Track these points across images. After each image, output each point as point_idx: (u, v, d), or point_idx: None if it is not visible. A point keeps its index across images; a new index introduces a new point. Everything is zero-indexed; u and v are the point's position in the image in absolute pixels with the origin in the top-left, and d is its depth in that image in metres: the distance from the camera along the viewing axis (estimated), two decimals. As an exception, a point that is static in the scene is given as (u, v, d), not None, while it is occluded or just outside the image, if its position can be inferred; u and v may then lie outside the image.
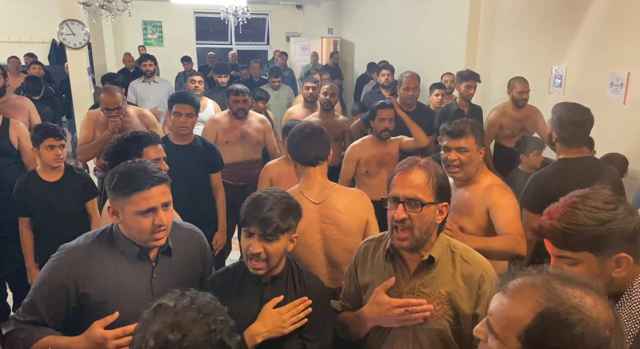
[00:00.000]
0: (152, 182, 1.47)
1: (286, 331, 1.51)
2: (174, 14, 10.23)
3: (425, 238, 1.46)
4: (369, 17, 8.39)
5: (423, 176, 1.44)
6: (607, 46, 4.10)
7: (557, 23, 4.63)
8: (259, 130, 3.72)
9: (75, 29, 4.86)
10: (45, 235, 2.73)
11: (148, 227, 1.48)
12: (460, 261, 1.49)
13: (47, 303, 1.49)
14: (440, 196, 1.45)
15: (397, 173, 1.49)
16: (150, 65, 5.64)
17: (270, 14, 11.23)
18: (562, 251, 1.20)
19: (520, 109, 4.06)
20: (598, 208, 1.16)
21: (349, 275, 1.71)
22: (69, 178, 2.77)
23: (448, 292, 1.45)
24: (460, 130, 2.15)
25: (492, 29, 5.59)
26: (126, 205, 1.47)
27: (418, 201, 1.42)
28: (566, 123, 2.39)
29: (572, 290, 0.86)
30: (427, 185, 1.43)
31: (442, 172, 1.49)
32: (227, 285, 1.59)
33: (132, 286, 1.53)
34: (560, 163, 2.46)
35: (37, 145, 2.68)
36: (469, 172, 2.16)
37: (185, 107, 2.92)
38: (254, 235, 1.49)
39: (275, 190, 1.59)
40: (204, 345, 0.96)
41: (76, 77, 5.00)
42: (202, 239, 1.78)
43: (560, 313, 0.84)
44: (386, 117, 3.29)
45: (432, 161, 1.52)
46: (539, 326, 0.85)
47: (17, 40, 8.77)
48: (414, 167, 1.46)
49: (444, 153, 2.21)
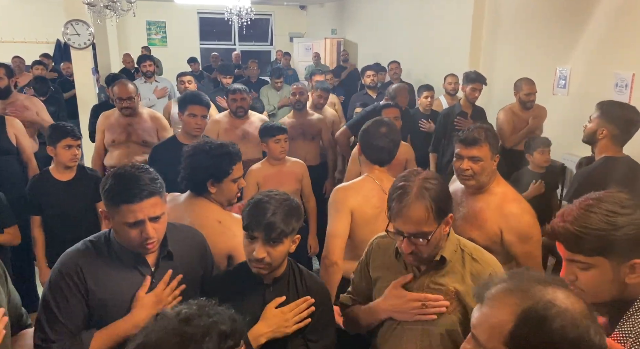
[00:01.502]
0: (141, 196, 1.44)
1: (289, 331, 1.51)
2: (178, 15, 10.25)
3: (436, 251, 1.46)
4: (373, 18, 8.39)
5: (422, 209, 1.38)
6: (612, 47, 4.08)
7: (561, 23, 4.62)
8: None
9: (79, 29, 4.88)
10: (56, 234, 2.74)
11: (136, 238, 1.47)
12: (470, 260, 1.49)
13: (63, 304, 1.47)
14: (442, 215, 1.42)
15: (395, 204, 1.41)
16: (149, 66, 5.63)
17: (274, 15, 11.23)
18: (574, 255, 1.16)
19: (527, 110, 4.06)
20: (614, 212, 1.12)
21: (360, 269, 1.72)
22: (81, 178, 2.80)
23: (457, 289, 1.46)
24: (474, 138, 2.03)
25: (495, 29, 5.58)
26: (115, 214, 1.47)
27: (423, 235, 1.39)
28: (623, 122, 2.37)
29: (543, 287, 0.90)
30: (428, 217, 1.38)
31: (437, 188, 1.42)
32: (230, 286, 1.59)
33: (131, 289, 1.53)
34: (607, 161, 2.43)
35: (53, 145, 2.70)
36: (482, 181, 2.07)
37: (200, 108, 2.94)
38: (257, 239, 1.49)
39: (275, 192, 1.57)
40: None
41: (81, 77, 5.02)
42: (202, 240, 1.76)
43: (538, 310, 0.87)
44: (390, 117, 3.29)
45: (424, 178, 1.43)
46: (522, 327, 0.87)
47: (21, 40, 8.80)
48: (410, 198, 1.39)
49: (456, 160, 2.11)
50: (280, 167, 3.12)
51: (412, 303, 1.46)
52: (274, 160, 3.10)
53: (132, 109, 3.47)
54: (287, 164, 3.15)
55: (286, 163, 3.15)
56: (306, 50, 9.84)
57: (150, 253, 1.55)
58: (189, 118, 2.94)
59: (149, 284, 1.54)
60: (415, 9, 7.07)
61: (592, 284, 1.15)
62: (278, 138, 3.05)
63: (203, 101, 2.98)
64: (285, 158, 3.15)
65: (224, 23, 8.75)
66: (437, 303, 1.44)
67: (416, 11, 7.05)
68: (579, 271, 1.16)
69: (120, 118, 3.52)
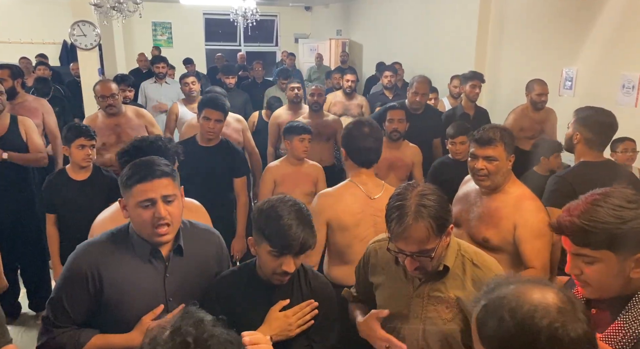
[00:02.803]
0: (153, 175, 1.48)
1: (293, 334, 1.52)
2: (184, 15, 10.28)
3: (439, 263, 1.47)
4: (378, 19, 8.39)
5: (423, 229, 1.35)
6: (619, 48, 4.06)
7: (568, 24, 4.60)
8: (237, 130, 3.72)
9: (86, 30, 4.91)
10: (70, 232, 2.77)
11: (148, 219, 1.49)
12: (471, 266, 1.48)
13: (70, 297, 1.51)
14: (443, 230, 1.40)
15: (396, 225, 1.37)
16: (162, 67, 5.72)
17: (279, 16, 11.25)
18: (580, 249, 1.17)
19: (538, 111, 4.05)
20: (620, 206, 1.14)
21: (358, 273, 1.73)
22: (96, 178, 2.84)
23: (457, 296, 1.45)
24: (488, 138, 2.01)
25: (501, 30, 5.56)
26: (129, 197, 1.50)
27: (426, 252, 1.39)
28: (595, 125, 2.35)
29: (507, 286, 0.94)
30: (429, 235, 1.36)
31: (435, 203, 1.38)
32: (235, 287, 1.59)
33: (146, 285, 1.55)
34: (582, 167, 2.40)
35: (68, 144, 2.75)
36: (497, 181, 2.05)
37: (215, 113, 2.94)
38: (286, 254, 1.47)
39: (288, 198, 1.54)
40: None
41: (87, 77, 5.04)
42: (219, 240, 1.77)
43: (494, 307, 0.91)
44: (395, 118, 3.29)
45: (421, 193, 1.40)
46: (481, 324, 0.93)
47: (28, 41, 8.85)
48: (409, 222, 1.35)
49: (470, 160, 2.10)
50: (298, 168, 3.13)
51: (378, 342, 1.49)
52: (294, 159, 3.11)
53: (116, 107, 3.46)
54: (304, 165, 3.16)
55: (304, 164, 3.16)
56: (311, 51, 9.84)
57: (164, 242, 1.55)
58: (203, 121, 2.96)
59: (158, 312, 1.52)
60: (420, 9, 7.06)
61: (597, 278, 1.16)
62: (303, 138, 3.07)
63: (219, 106, 2.97)
64: (304, 160, 3.17)
65: (229, 24, 8.75)
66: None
67: (422, 12, 7.04)
68: (584, 266, 1.17)
69: (106, 120, 3.47)
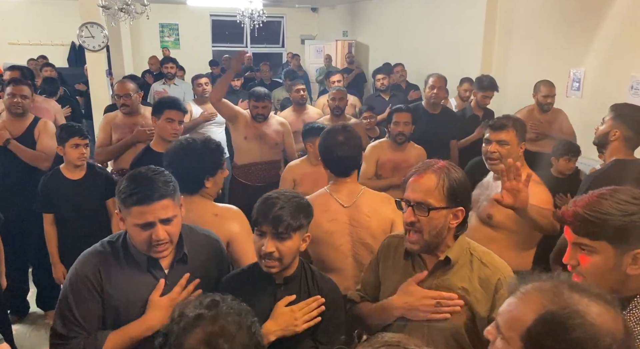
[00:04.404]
0: (152, 198, 1.45)
1: (299, 329, 1.51)
2: (191, 17, 10.33)
3: (438, 241, 1.47)
4: (384, 20, 8.38)
5: (433, 180, 1.43)
6: (627, 49, 4.04)
7: (575, 25, 4.58)
8: (278, 132, 3.73)
9: (94, 32, 4.95)
10: (68, 231, 2.83)
11: (145, 240, 1.48)
12: (479, 264, 1.48)
13: (81, 304, 1.49)
14: (453, 200, 1.43)
15: (412, 175, 1.48)
16: (171, 68, 5.78)
17: (286, 17, 11.27)
18: (580, 238, 1.19)
19: (545, 113, 4.03)
20: (625, 201, 1.16)
21: (372, 266, 1.73)
22: (91, 176, 2.88)
23: (465, 288, 1.46)
24: (501, 124, 2.24)
25: (508, 31, 5.54)
26: (127, 215, 1.48)
27: (425, 206, 1.42)
28: (636, 123, 2.37)
29: (579, 296, 0.87)
30: (436, 190, 1.42)
31: (458, 176, 1.45)
32: (241, 286, 1.59)
33: (146, 293, 1.54)
34: (616, 166, 2.41)
35: (62, 144, 2.78)
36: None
37: (177, 113, 2.90)
38: (266, 234, 1.50)
39: (285, 190, 1.60)
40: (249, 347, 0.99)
41: (95, 79, 5.10)
42: (218, 245, 1.78)
43: (560, 316, 0.85)
44: (401, 121, 3.25)
45: (451, 165, 1.49)
46: (539, 328, 0.87)
47: (37, 42, 8.92)
48: (427, 170, 1.45)
49: (484, 145, 2.30)
50: (318, 168, 3.10)
51: (425, 301, 1.46)
52: (314, 159, 3.09)
53: (129, 107, 3.50)
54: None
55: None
56: (317, 52, 9.86)
57: (162, 257, 1.55)
58: (165, 123, 2.87)
59: (162, 287, 1.55)
60: (427, 10, 7.05)
61: (593, 270, 1.18)
62: None
63: (180, 106, 2.97)
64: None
65: (236, 25, 8.80)
66: (451, 302, 1.44)
67: (428, 13, 7.03)
68: (581, 256, 1.19)
69: (124, 119, 3.54)
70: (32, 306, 3.56)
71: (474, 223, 2.28)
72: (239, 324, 1.00)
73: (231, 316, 1.01)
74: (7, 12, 8.95)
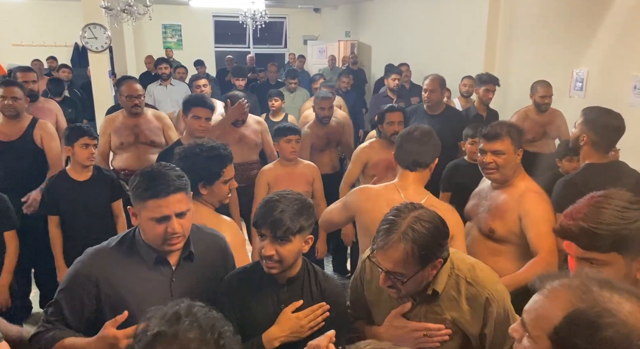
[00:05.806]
0: (168, 191, 1.46)
1: (304, 336, 1.52)
2: (193, 18, 10.36)
3: (420, 289, 1.42)
4: (387, 20, 8.38)
5: (401, 251, 1.32)
6: (630, 49, 4.02)
7: (578, 25, 4.56)
8: (256, 132, 3.71)
9: (97, 33, 4.97)
10: (73, 233, 2.79)
11: (161, 234, 1.49)
12: (465, 285, 1.44)
13: (69, 302, 1.52)
14: (427, 261, 1.35)
15: (379, 234, 1.37)
16: (165, 68, 5.73)
17: (288, 18, 11.28)
18: (588, 252, 1.14)
19: (542, 113, 4.00)
20: (624, 208, 1.13)
21: (355, 287, 1.69)
22: (98, 178, 2.85)
23: (453, 317, 1.43)
24: (495, 133, 2.13)
25: (511, 31, 5.54)
26: (142, 209, 1.49)
27: (400, 275, 1.35)
28: (601, 127, 2.32)
29: (610, 294, 0.84)
30: (406, 260, 1.32)
31: (428, 232, 1.34)
32: (243, 285, 1.60)
33: (151, 290, 1.54)
34: (588, 169, 2.36)
35: (71, 144, 2.75)
36: (506, 174, 2.13)
37: (203, 111, 2.94)
38: (266, 237, 1.50)
39: (288, 191, 1.57)
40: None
41: (98, 79, 5.11)
42: (224, 244, 1.78)
43: (590, 315, 0.82)
44: (395, 121, 3.18)
45: (417, 219, 1.36)
46: (568, 326, 0.83)
47: (40, 43, 8.96)
48: (391, 241, 1.34)
49: (480, 155, 2.20)
50: (292, 168, 3.13)
51: (414, 334, 1.44)
52: (285, 160, 3.12)
53: (140, 107, 3.50)
54: (299, 166, 3.16)
55: (298, 165, 3.16)
56: (320, 53, 9.87)
57: (174, 251, 1.56)
58: (192, 121, 2.94)
59: (122, 320, 1.44)
60: (429, 10, 7.05)
61: None
62: (289, 139, 3.06)
63: (207, 103, 2.99)
64: (297, 160, 3.16)
65: (238, 26, 8.81)
66: (439, 332, 1.42)
67: (431, 13, 7.02)
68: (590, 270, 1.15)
69: (125, 120, 3.52)
70: (34, 307, 3.57)
71: (476, 235, 2.22)
72: (202, 341, 0.93)
73: (193, 332, 0.94)
74: (10, 13, 9.00)
